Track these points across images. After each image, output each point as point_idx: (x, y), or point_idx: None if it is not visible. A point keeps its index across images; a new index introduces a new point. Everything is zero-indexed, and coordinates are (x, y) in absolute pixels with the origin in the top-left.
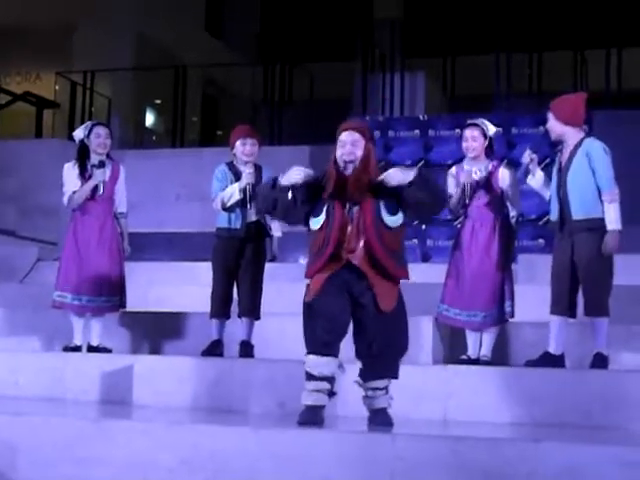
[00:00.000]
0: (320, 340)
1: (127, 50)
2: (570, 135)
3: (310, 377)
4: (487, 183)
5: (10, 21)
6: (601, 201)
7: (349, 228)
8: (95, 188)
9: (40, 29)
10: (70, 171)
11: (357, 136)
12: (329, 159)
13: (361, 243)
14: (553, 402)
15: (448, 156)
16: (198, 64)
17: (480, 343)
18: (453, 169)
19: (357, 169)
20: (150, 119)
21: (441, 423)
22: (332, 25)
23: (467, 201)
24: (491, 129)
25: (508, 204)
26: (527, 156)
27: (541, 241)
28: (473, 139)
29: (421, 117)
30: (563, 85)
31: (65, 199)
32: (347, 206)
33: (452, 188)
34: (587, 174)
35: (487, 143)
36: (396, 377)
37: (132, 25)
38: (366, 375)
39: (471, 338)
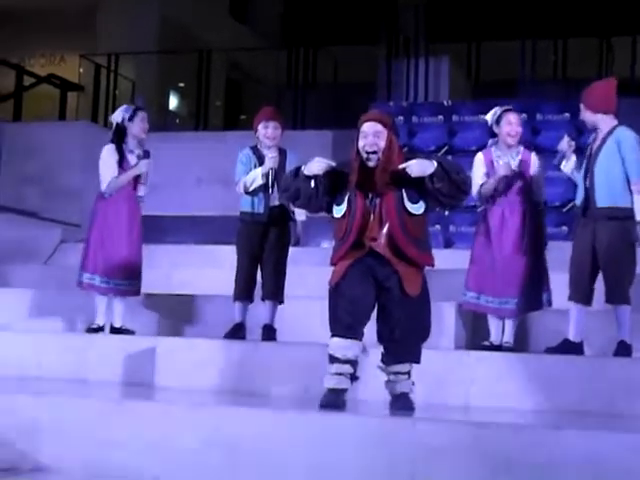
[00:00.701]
0: (343, 323)
1: (151, 33)
2: (603, 122)
3: (333, 360)
4: (521, 171)
5: (35, 3)
6: (630, 191)
7: (371, 216)
8: (137, 177)
9: (64, 11)
10: (110, 155)
11: (379, 127)
12: (352, 147)
13: (384, 231)
14: (575, 389)
15: (472, 142)
16: (222, 48)
17: (503, 329)
18: (481, 155)
19: (382, 161)
20: (174, 102)
21: (463, 409)
22: (356, 9)
23: (500, 192)
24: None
25: (537, 192)
26: (566, 143)
27: (564, 228)
28: (518, 124)
29: (445, 103)
30: (588, 72)
31: (104, 184)
32: (369, 195)
33: (480, 176)
34: (616, 162)
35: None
36: (418, 362)
37: (156, 8)
38: (388, 359)
39: (494, 324)
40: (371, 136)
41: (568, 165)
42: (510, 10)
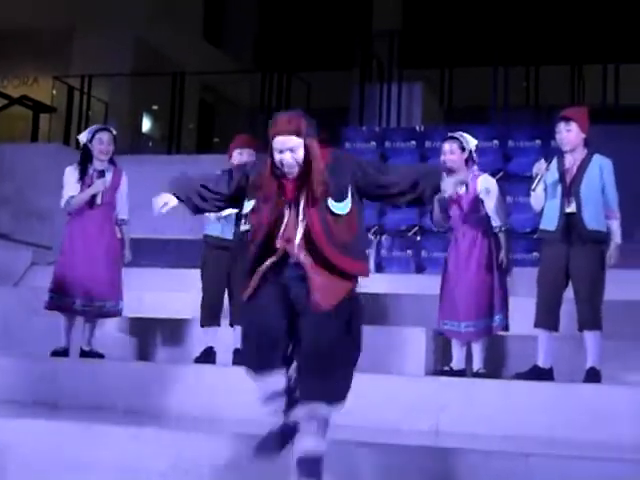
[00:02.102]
0: (253, 354)
1: (125, 55)
2: (581, 147)
3: (261, 401)
4: (467, 195)
5: (8, 25)
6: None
7: (287, 213)
8: (94, 197)
9: (38, 33)
10: (71, 174)
11: (294, 141)
12: (265, 159)
13: (301, 230)
14: (544, 416)
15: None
16: (196, 71)
17: (472, 356)
18: None
19: (310, 175)
20: (147, 125)
21: (433, 434)
22: (330, 34)
23: (443, 214)
24: (471, 142)
25: (492, 215)
26: (543, 168)
27: (535, 254)
28: (451, 152)
29: (418, 128)
30: (560, 99)
31: (62, 202)
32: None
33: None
34: (599, 188)
35: (467, 156)
36: (339, 400)
37: (130, 31)
38: (301, 393)
39: (456, 349)
40: (288, 152)
41: (539, 188)
42: (483, 37)
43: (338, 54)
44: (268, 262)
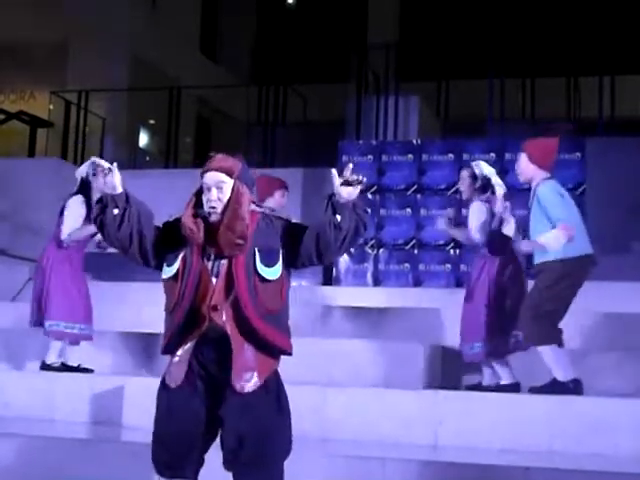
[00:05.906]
0: (162, 459)
1: (122, 70)
2: (536, 178)
3: None
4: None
5: (5, 39)
6: None
7: (214, 279)
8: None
9: (35, 48)
10: (79, 207)
11: (222, 177)
12: (190, 199)
13: (229, 299)
14: (543, 428)
15: (441, 180)
16: (192, 85)
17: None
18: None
19: (226, 217)
20: (144, 139)
21: (432, 448)
22: (327, 47)
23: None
24: (485, 170)
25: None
26: (500, 205)
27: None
28: (461, 182)
29: (414, 141)
30: (556, 111)
31: (65, 232)
32: (212, 256)
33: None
34: (543, 220)
35: (478, 184)
36: None
37: (127, 45)
38: None
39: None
40: (214, 188)
41: (509, 226)
42: (479, 49)
43: (334, 67)
44: (189, 343)
